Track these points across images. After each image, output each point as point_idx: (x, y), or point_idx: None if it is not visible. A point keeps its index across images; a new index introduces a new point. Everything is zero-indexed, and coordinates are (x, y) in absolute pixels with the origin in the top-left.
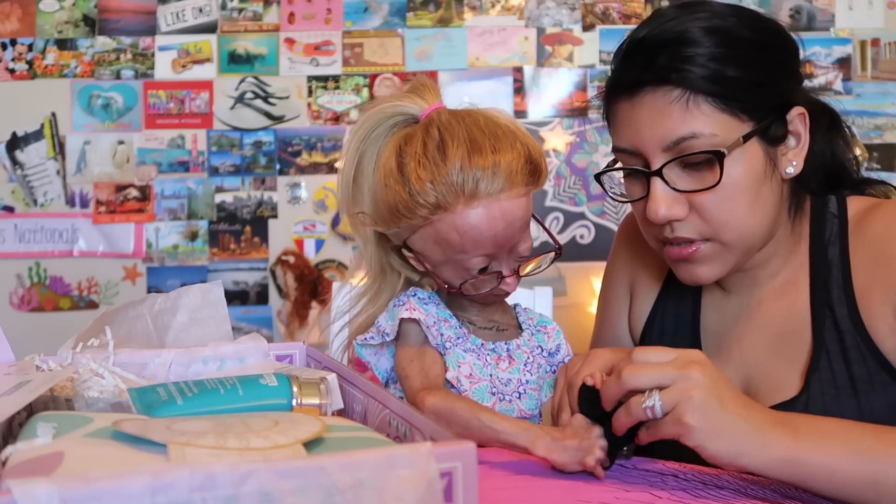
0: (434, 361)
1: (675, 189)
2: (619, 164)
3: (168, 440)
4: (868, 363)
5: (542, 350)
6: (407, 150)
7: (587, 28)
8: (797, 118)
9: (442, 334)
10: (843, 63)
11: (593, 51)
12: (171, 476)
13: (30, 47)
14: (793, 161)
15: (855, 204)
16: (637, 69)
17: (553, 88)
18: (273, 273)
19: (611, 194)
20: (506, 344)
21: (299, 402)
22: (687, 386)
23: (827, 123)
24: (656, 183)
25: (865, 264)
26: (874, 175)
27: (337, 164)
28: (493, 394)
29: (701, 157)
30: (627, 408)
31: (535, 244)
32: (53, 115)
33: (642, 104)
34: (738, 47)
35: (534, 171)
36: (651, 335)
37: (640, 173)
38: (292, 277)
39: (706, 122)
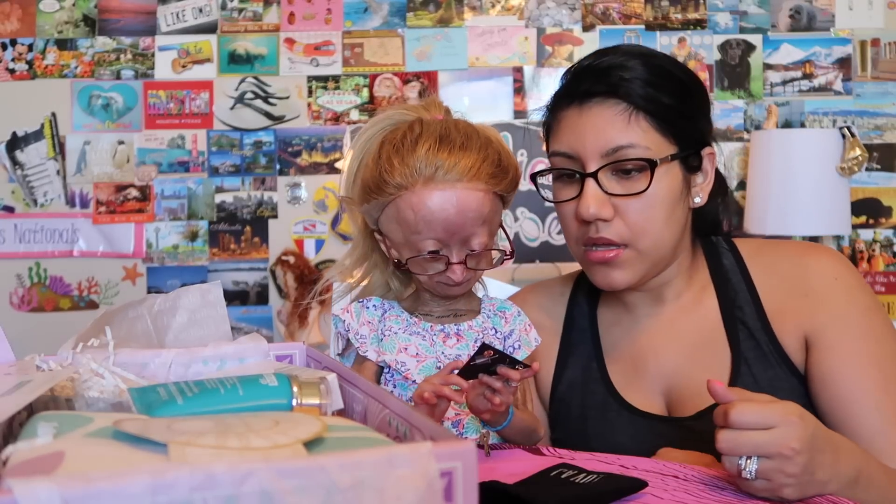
0: (365, 368)
1: (605, 192)
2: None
3: (168, 440)
4: (782, 368)
5: (497, 332)
6: (388, 138)
7: (587, 28)
8: (708, 157)
9: (384, 328)
10: (843, 63)
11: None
12: (171, 475)
13: (30, 47)
14: (699, 193)
15: (744, 244)
16: (589, 82)
17: (553, 89)
18: (273, 273)
19: (543, 195)
20: (456, 326)
21: (299, 402)
22: (783, 465)
23: (717, 185)
24: (590, 184)
25: (777, 293)
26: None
27: (338, 164)
28: (440, 368)
29: (634, 164)
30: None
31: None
32: (53, 115)
33: (590, 113)
34: (671, 81)
35: (497, 174)
36: (559, 387)
37: (575, 176)
38: (292, 277)
39: (643, 136)
